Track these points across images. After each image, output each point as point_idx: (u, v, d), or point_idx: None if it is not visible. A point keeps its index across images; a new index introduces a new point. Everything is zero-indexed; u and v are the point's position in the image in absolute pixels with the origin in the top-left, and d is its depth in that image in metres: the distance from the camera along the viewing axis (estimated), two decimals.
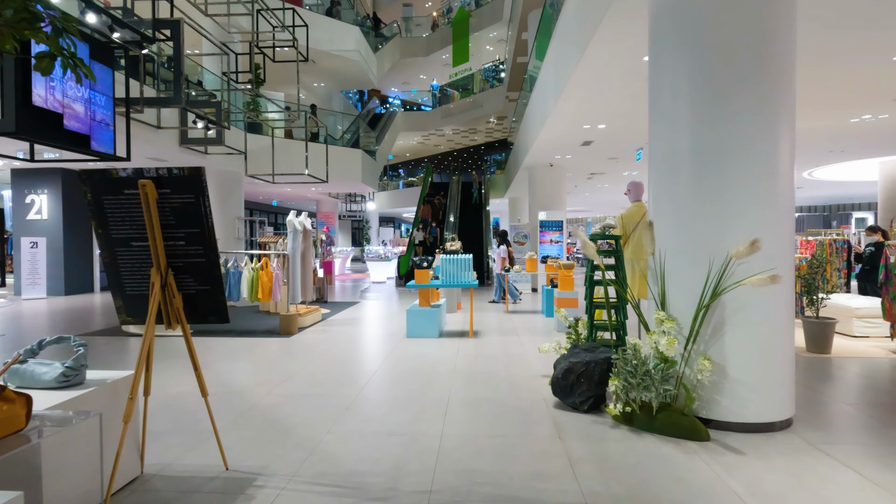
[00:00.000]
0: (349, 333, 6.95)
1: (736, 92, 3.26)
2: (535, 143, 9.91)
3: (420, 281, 6.65)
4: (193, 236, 2.45)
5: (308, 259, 7.83)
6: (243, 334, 6.86)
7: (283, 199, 21.94)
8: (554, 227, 12.20)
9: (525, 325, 7.61)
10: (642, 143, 9.69)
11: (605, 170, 13.35)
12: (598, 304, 4.24)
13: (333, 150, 14.88)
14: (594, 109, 7.42)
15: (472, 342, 6.30)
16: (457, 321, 7.97)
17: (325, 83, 18.03)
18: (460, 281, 6.63)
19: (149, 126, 8.89)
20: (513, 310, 9.21)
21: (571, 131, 8.82)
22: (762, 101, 3.25)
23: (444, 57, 24.11)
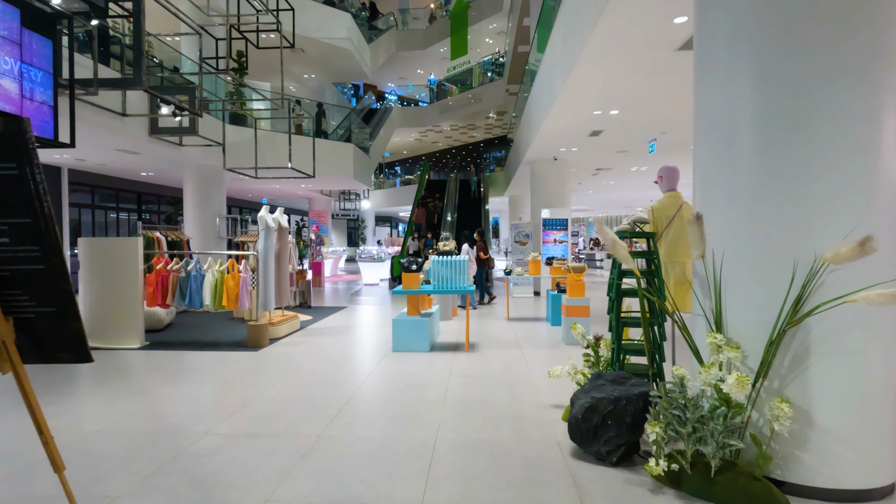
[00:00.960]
0: (327, 347, 6.06)
1: (831, 38, 2.38)
2: (538, 134, 9.03)
3: (408, 286, 5.77)
4: (21, 231, 1.56)
5: (284, 260, 6.95)
6: (205, 347, 5.98)
7: (274, 196, 21.05)
8: (558, 226, 11.33)
9: (528, 335, 6.73)
10: (657, 133, 8.82)
11: (613, 165, 12.48)
12: (628, 319, 3.36)
13: (323, 143, 14.00)
14: (607, 92, 6.54)
15: (467, 358, 5.42)
16: (451, 330, 7.09)
17: (316, 74, 17.15)
18: (455, 286, 5.76)
19: (112, 113, 8.01)
20: (514, 317, 8.32)
21: (579, 119, 7.94)
22: (871, 50, 2.36)
23: (441, 50, 23.26)
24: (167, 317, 7.20)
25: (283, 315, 6.98)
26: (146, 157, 10.81)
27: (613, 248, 2.78)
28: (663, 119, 7.84)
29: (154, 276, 6.04)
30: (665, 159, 11.29)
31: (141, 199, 15.18)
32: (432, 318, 6.12)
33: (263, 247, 6.48)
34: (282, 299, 6.89)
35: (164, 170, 12.81)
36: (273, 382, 4.51)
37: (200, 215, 12.10)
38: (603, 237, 2.81)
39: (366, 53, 17.20)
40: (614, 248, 2.78)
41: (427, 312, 6.23)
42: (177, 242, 8.61)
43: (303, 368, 5.02)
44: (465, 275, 5.76)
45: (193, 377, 4.69)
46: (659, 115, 7.58)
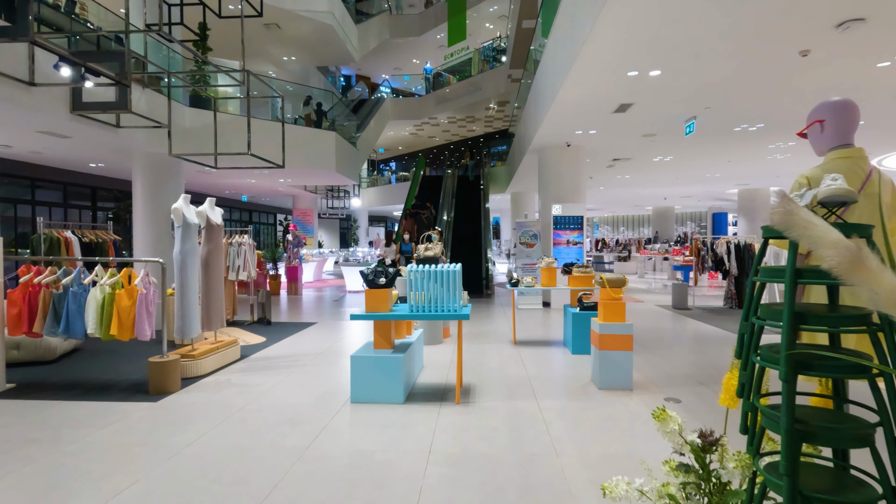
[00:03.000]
0: (260, 393, 4.29)
1: None
2: (551, 110, 7.27)
3: (374, 308, 4.00)
4: None
5: (215, 269, 5.18)
6: (89, 393, 4.21)
7: (255, 193, 19.29)
8: (571, 225, 9.56)
9: (544, 370, 4.96)
10: (700, 108, 7.06)
11: (634, 153, 10.72)
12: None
13: (298, 131, 12.25)
14: (653, 39, 4.78)
15: (457, 418, 3.65)
16: (440, 361, 5.32)
17: (297, 56, 15.39)
18: (442, 308, 3.98)
19: (15, 81, 6.25)
20: (522, 339, 6.55)
21: (607, 85, 6.18)
22: None
23: (438, 37, 21.54)
24: (64, 343, 5.43)
25: (214, 342, 5.21)
26: (79, 141, 9.04)
27: (816, 244, 1.01)
28: (716, 85, 6.08)
29: (19, 293, 4.27)
30: (702, 143, 9.53)
31: (96, 194, 13.42)
32: (410, 352, 4.35)
33: (181, 251, 4.71)
34: (211, 321, 5.12)
35: (111, 159, 11.04)
36: (147, 470, 2.74)
37: (152, 213, 10.32)
38: (782, 213, 1.05)
39: (352, 33, 15.44)
40: (818, 243, 1.02)
41: (404, 343, 4.46)
42: (98, 245, 6.85)
43: (207, 436, 3.25)
44: (458, 290, 3.99)
45: (24, 456, 2.92)
46: (713, 78, 5.81)
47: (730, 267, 9.42)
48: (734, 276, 9.43)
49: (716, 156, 10.95)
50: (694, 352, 5.81)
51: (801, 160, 11.44)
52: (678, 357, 5.54)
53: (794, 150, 10.16)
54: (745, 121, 7.85)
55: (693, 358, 5.50)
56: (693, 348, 6.00)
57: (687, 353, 5.76)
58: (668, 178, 14.75)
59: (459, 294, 4.03)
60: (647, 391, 4.26)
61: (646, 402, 3.97)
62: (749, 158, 11.23)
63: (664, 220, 25.50)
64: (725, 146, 9.82)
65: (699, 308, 9.46)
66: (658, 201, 23.54)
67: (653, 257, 20.45)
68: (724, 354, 5.65)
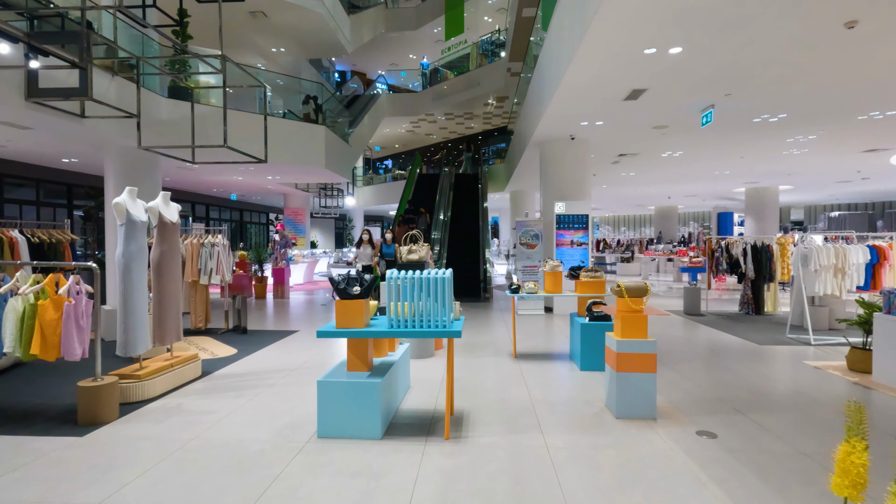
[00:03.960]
0: (214, 422, 3.60)
1: None
2: (555, 96, 6.58)
3: (346, 322, 3.31)
4: None
5: (169, 274, 4.48)
6: (7, 423, 3.51)
7: (245, 192, 18.59)
8: (576, 224, 8.87)
9: (549, 392, 4.27)
10: (720, 94, 6.37)
11: (642, 148, 10.03)
12: None
13: (285, 124, 11.56)
14: (680, 8, 4.09)
15: (446, 461, 2.95)
16: (429, 378, 4.62)
17: (287, 47, 14.69)
18: (428, 323, 3.29)
19: None
20: (523, 351, 5.86)
21: (619, 64, 5.50)
22: None
23: (435, 31, 20.87)
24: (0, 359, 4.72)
25: (169, 359, 4.50)
26: (42, 133, 8.33)
27: None
28: (742, 67, 5.40)
29: None
30: (717, 136, 8.85)
31: (72, 192, 12.71)
32: (393, 374, 3.66)
33: (124, 253, 4.01)
34: (165, 334, 4.42)
35: (83, 153, 10.34)
36: None
37: None
38: None
39: (344, 24, 14.75)
40: None
41: (385, 363, 3.76)
42: (50, 247, 6.14)
43: (117, 498, 2.55)
44: (448, 301, 3.30)
45: None
46: (739, 58, 5.13)
47: (746, 269, 8.74)
48: (751, 279, 8.75)
49: (729, 151, 10.27)
50: (718, 367, 5.12)
51: (818, 155, 10.77)
52: (702, 375, 4.85)
53: (814, 144, 9.49)
54: (767, 110, 7.17)
55: (719, 376, 4.81)
56: (716, 363, 5.31)
57: (710, 369, 5.07)
58: (676, 175, 14.07)
59: (450, 306, 3.34)
60: (672, 421, 3.57)
61: (674, 436, 3.28)
62: (764, 154, 10.55)
63: (667, 219, 24.83)
64: (741, 139, 9.14)
65: (713, 314, 8.78)
66: (661, 200, 22.89)
67: (656, 258, 19.79)
68: (754, 372, 4.96)
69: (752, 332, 7.02)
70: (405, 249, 3.36)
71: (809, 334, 6.30)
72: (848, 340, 5.75)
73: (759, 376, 4.79)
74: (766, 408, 3.88)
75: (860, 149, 10.11)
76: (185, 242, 7.01)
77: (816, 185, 16.69)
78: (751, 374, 4.85)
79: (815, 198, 22.23)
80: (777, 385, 4.50)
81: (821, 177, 14.53)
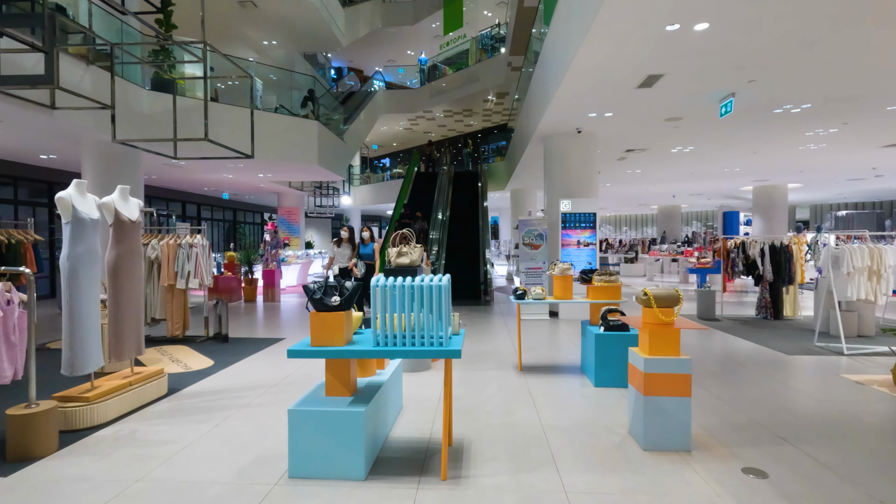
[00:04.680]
0: (170, 456, 3.05)
1: None
2: (562, 83, 6.04)
3: (323, 339, 2.76)
4: None
5: (129, 278, 3.93)
6: None
7: (238, 191, 18.03)
8: (583, 223, 8.33)
9: (561, 414, 3.72)
10: (742, 82, 5.83)
11: (651, 143, 9.50)
12: None
13: (276, 119, 11.01)
14: None
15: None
16: (427, 400, 4.07)
17: (279, 41, 14.13)
18: (422, 339, 2.73)
19: None
20: (529, 363, 5.32)
21: (636, 45, 4.96)
22: None
23: (434, 25, 20.34)
24: None
25: (128, 376, 3.95)
26: (11, 126, 7.79)
27: None
28: (771, 49, 4.86)
29: None
30: (733, 129, 8.31)
31: (53, 190, 12.14)
32: (381, 398, 3.11)
33: (69, 255, 3.45)
34: (122, 349, 3.87)
35: (60, 149, 9.79)
36: None
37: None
38: None
39: (338, 16, 14.19)
40: None
41: (372, 384, 3.22)
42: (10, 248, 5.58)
43: None
44: (446, 313, 2.75)
45: None
46: (771, 36, 4.59)
47: (764, 271, 8.20)
48: (769, 281, 8.21)
49: (742, 146, 9.74)
50: (748, 382, 4.58)
51: (835, 151, 10.24)
52: (732, 392, 4.31)
53: (834, 138, 8.96)
54: (791, 99, 6.63)
55: (752, 393, 4.27)
56: (745, 377, 4.77)
57: (740, 384, 4.53)
58: (684, 173, 13.54)
59: (448, 318, 2.79)
60: (711, 454, 3.03)
61: (717, 475, 2.74)
62: (778, 149, 10.02)
63: (670, 219, 24.31)
64: (758, 133, 8.60)
65: (728, 318, 8.25)
66: (665, 199, 22.36)
67: (660, 258, 19.26)
68: (790, 388, 4.41)
69: (776, 340, 6.48)
70: (394, 252, 2.81)
71: (842, 343, 5.76)
72: (893, 350, 5.22)
73: (797, 393, 4.25)
74: (816, 435, 3.33)
75: (880, 143, 9.59)
76: (162, 243, 6.46)
77: (827, 182, 16.16)
78: (786, 391, 4.31)
79: (822, 196, 21.72)
80: (820, 405, 3.96)
81: (833, 174, 14.01)
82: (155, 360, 5.52)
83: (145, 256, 6.49)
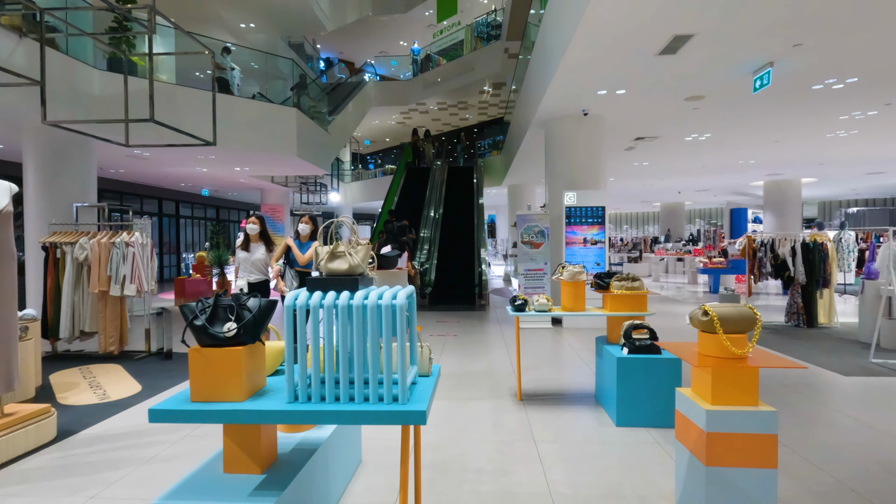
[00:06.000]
0: None
1: None
2: (568, 51, 5.02)
3: (207, 391, 1.74)
4: None
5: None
6: None
7: (219, 187, 16.96)
8: (590, 219, 7.32)
9: (578, 473, 2.71)
10: (784, 49, 4.82)
11: (665, 129, 8.50)
12: None
13: (248, 105, 9.97)
14: None
15: None
16: (394, 448, 3.05)
17: (257, 23, 13.09)
18: (364, 392, 1.71)
19: None
20: (530, 390, 4.30)
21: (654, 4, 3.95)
22: None
23: (427, 14, 19.28)
24: None
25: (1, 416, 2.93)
26: None
27: None
28: (832, 4, 3.86)
29: None
30: (761, 111, 7.30)
31: None
32: (311, 471, 2.08)
33: None
34: None
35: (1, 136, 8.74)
36: None
37: (49, 204, 8.06)
38: None
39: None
40: None
41: (303, 446, 2.19)
42: None
43: None
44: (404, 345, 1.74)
45: None
46: None
47: (795, 273, 7.21)
48: (801, 284, 7.22)
49: (765, 133, 8.75)
50: (816, 418, 3.58)
51: (866, 139, 9.26)
52: (801, 436, 3.29)
53: (868, 123, 7.97)
54: (837, 71, 5.63)
55: (828, 436, 3.26)
56: (808, 409, 3.76)
57: (807, 422, 3.53)
58: (694, 165, 12.56)
59: (415, 353, 1.78)
60: None
61: None
62: (805, 136, 9.03)
63: (674, 216, 23.33)
64: (787, 117, 7.60)
65: None
66: (670, 196, 21.41)
67: (665, 258, 18.30)
68: (868, 427, 3.40)
69: (821, 354, 5.48)
70: (324, 251, 1.78)
71: None
72: None
73: (883, 436, 3.24)
74: None
75: None
76: (92, 242, 5.42)
77: (845, 177, 15.21)
78: (867, 433, 3.30)
79: (833, 193, 20.79)
80: None
81: (855, 167, 13.05)
82: (70, 385, 4.48)
83: (73, 258, 5.45)
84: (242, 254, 4.86)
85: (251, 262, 4.82)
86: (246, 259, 4.83)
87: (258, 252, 4.86)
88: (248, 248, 4.89)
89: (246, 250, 4.88)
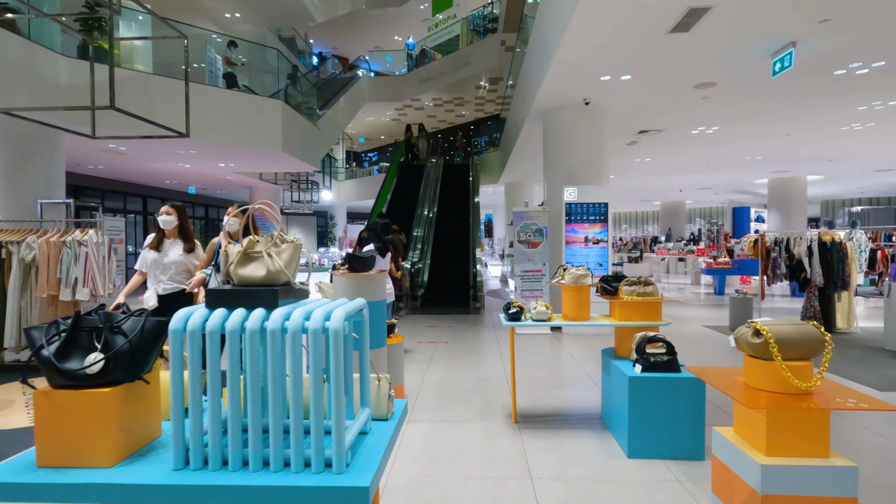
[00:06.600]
0: None
1: None
2: (569, 28, 4.50)
3: (60, 453, 1.20)
4: None
5: None
6: None
7: (204, 184, 16.40)
8: (592, 216, 6.80)
9: None
10: (817, 20, 4.31)
11: (670, 122, 7.99)
12: None
13: (229, 95, 9.42)
14: None
15: None
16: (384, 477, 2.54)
17: (243, 13, 12.54)
18: (281, 456, 1.18)
19: None
20: (526, 409, 3.78)
21: None
22: None
23: (423, 7, 18.75)
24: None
25: None
26: None
27: None
28: None
29: None
30: (780, 99, 6.79)
31: None
32: None
33: None
34: None
35: None
36: None
37: (13, 200, 7.52)
38: None
39: None
40: None
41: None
42: None
43: None
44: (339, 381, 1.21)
45: None
46: None
47: (812, 274, 6.70)
48: (818, 286, 6.72)
49: (776, 125, 8.24)
50: (863, 445, 3.06)
51: (881, 133, 8.77)
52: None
53: (887, 115, 7.47)
54: (863, 53, 5.12)
55: (882, 474, 2.75)
56: (850, 434, 3.25)
57: (854, 452, 3.01)
58: (698, 161, 12.06)
59: (366, 393, 1.26)
60: None
61: None
62: (818, 128, 8.52)
63: (675, 216, 22.84)
64: (803, 106, 7.09)
65: None
66: (670, 194, 20.91)
67: (666, 258, 17.82)
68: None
69: (847, 365, 4.97)
70: (234, 251, 1.29)
71: None
72: None
73: None
74: None
75: None
76: (40, 241, 4.88)
77: (852, 174, 14.73)
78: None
79: (838, 191, 20.33)
80: None
81: (864, 164, 12.57)
82: (5, 403, 3.95)
83: (19, 258, 4.90)
84: (151, 254, 3.60)
85: (162, 266, 3.59)
86: (156, 262, 3.59)
87: (172, 252, 3.62)
88: (160, 247, 3.64)
89: (156, 250, 3.63)
